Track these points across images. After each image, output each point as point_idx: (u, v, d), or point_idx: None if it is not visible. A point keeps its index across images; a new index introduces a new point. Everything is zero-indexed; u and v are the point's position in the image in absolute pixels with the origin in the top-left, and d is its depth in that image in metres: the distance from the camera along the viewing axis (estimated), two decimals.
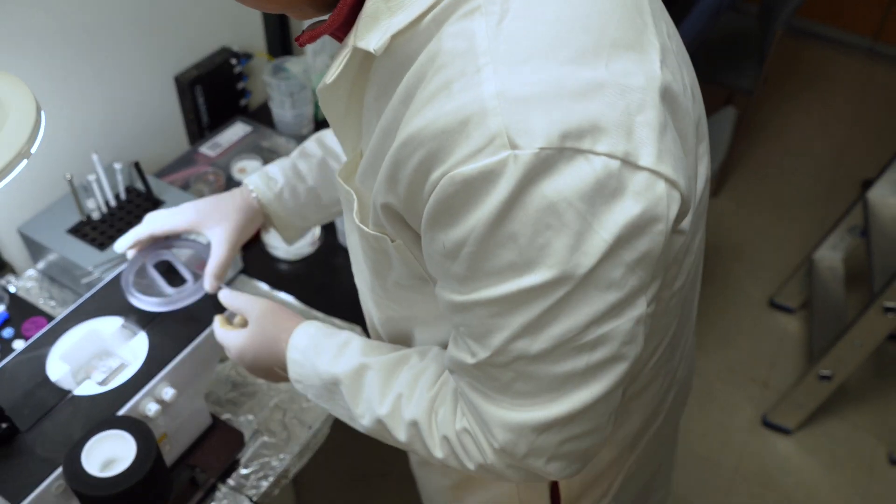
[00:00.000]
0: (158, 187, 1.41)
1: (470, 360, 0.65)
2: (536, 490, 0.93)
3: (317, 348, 0.85)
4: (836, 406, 2.24)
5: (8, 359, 0.99)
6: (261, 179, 1.06)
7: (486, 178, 0.54)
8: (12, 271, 1.41)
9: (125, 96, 1.52)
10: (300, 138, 1.64)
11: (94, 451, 0.89)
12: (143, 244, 1.05)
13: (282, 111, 1.62)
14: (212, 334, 1.02)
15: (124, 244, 1.03)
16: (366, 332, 1.27)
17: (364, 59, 0.64)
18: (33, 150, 0.82)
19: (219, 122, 1.69)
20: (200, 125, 1.66)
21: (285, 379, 0.91)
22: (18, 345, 1.19)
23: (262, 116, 1.77)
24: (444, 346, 0.82)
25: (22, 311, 1.24)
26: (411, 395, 0.76)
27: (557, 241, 0.55)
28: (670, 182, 0.56)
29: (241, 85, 1.72)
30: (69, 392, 0.95)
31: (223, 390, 1.24)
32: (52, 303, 1.36)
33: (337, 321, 1.33)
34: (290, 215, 1.07)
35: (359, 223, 0.72)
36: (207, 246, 1.04)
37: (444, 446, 0.73)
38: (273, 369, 0.90)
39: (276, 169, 1.07)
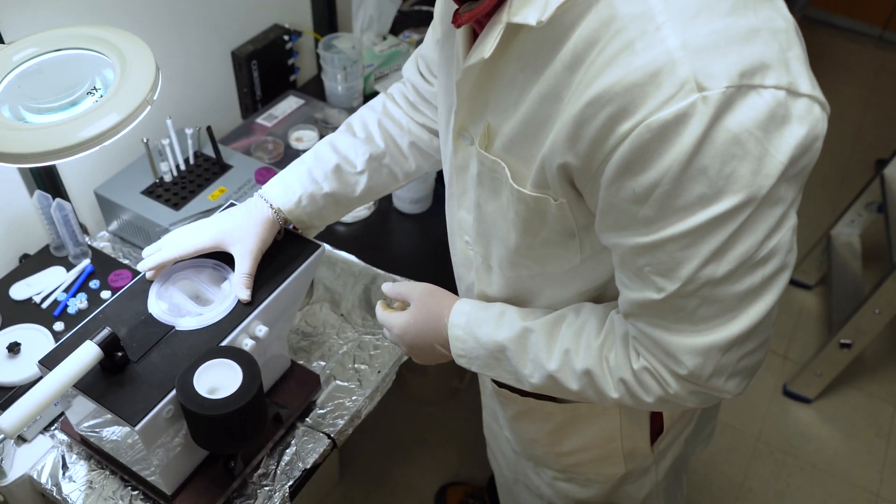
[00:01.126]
0: (224, 153, 1.49)
1: (656, 295, 0.71)
2: (638, 422, 1.00)
3: (476, 321, 0.92)
4: (854, 377, 2.32)
5: (112, 298, 1.07)
6: (279, 189, 1.08)
7: (679, 121, 0.61)
8: (86, 232, 1.48)
9: (189, 68, 1.60)
10: (351, 110, 1.72)
11: (202, 377, 0.96)
12: (167, 266, 1.07)
13: (334, 84, 1.70)
14: (297, 278, 1.10)
15: (147, 265, 1.05)
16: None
17: (505, 35, 0.70)
18: (154, 98, 0.90)
19: (270, 95, 1.77)
20: (254, 98, 1.74)
21: (445, 357, 0.98)
22: (106, 295, 1.27)
23: (309, 90, 1.85)
24: (567, 301, 0.89)
25: (104, 265, 1.32)
26: (578, 348, 0.83)
27: (742, 168, 0.62)
28: (821, 104, 0.65)
29: (291, 61, 1.79)
30: (172, 327, 1.03)
31: (295, 339, 1.32)
32: (126, 261, 1.43)
33: (397, 277, 1.40)
34: (310, 218, 1.10)
35: (518, 187, 0.78)
36: (220, 263, 1.09)
37: (619, 387, 0.80)
38: (434, 346, 0.97)
39: (292, 177, 1.08)
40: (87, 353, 0.94)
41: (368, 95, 1.82)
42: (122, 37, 0.93)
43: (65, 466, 1.15)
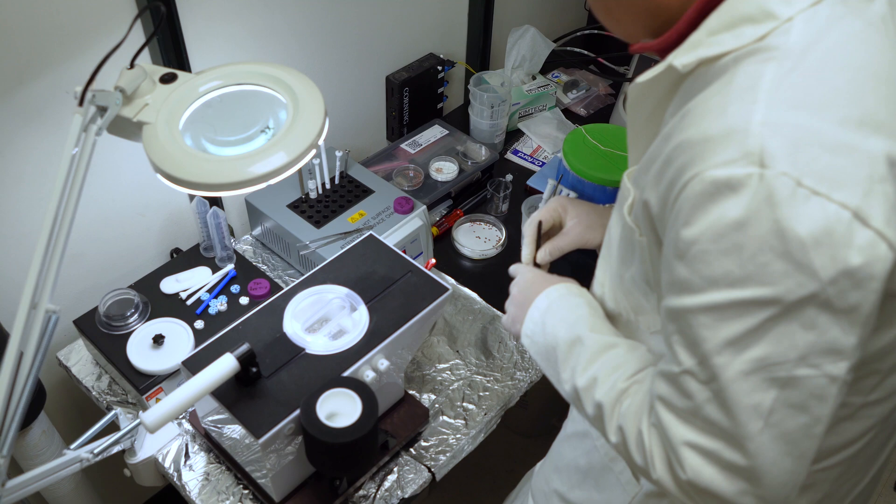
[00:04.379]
0: (366, 176, 1.56)
1: (676, 368, 0.71)
2: None
3: (552, 311, 0.96)
4: None
5: (252, 313, 1.15)
6: None
7: (730, 186, 0.62)
8: (232, 234, 1.59)
9: (345, 89, 1.68)
10: (492, 146, 1.76)
11: (325, 402, 1.03)
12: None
13: (480, 120, 1.75)
14: (423, 318, 1.15)
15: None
16: None
17: (675, 82, 0.75)
18: (320, 143, 0.97)
19: (416, 121, 1.83)
20: (402, 122, 1.81)
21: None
22: (244, 301, 1.35)
23: (454, 120, 1.90)
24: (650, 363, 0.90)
25: (246, 272, 1.41)
26: (605, 380, 0.84)
27: (776, 264, 0.62)
28: (891, 246, 0.62)
29: (440, 89, 1.85)
30: (302, 349, 1.10)
31: (409, 368, 1.37)
32: (264, 267, 1.53)
33: None
34: None
35: (625, 214, 0.83)
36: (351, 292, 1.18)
37: (618, 434, 0.80)
38: (525, 306, 1.01)
39: None
40: (226, 365, 1.02)
41: (510, 133, 1.86)
42: (299, 79, 1.00)
43: (187, 455, 1.25)
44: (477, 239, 1.61)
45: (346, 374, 1.08)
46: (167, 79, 1.01)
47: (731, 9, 0.69)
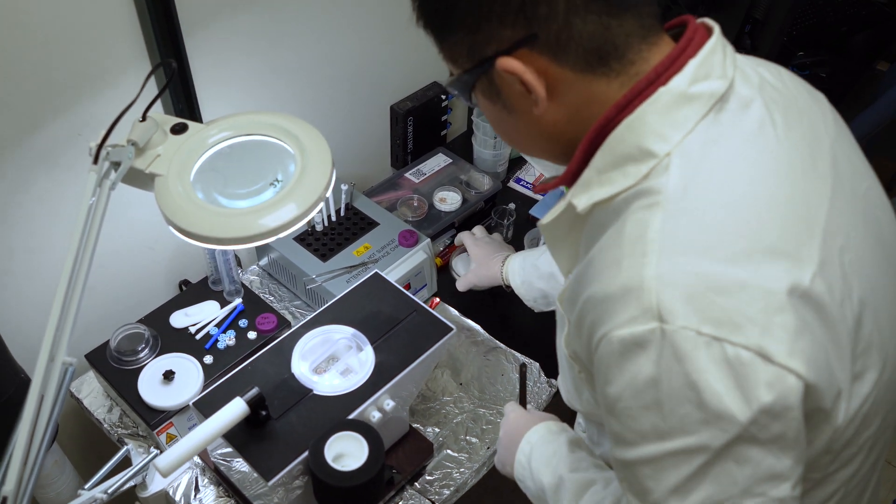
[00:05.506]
0: (370, 206, 1.58)
1: None
2: None
3: (536, 454, 1.01)
4: None
5: (260, 353, 1.17)
6: (524, 288, 1.40)
7: (637, 343, 0.64)
8: (239, 264, 1.61)
9: (350, 120, 1.71)
10: (494, 175, 1.78)
11: (332, 445, 1.05)
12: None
13: (483, 149, 1.77)
14: (428, 357, 1.18)
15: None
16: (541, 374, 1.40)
17: (580, 215, 0.76)
18: (328, 195, 0.99)
19: (421, 150, 1.86)
20: (406, 150, 1.83)
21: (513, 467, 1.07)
22: (252, 335, 1.38)
23: (457, 146, 1.93)
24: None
25: (253, 305, 1.43)
26: None
27: (696, 414, 0.64)
28: (798, 376, 0.63)
29: (444, 117, 1.88)
30: (310, 390, 1.13)
31: (414, 402, 1.39)
32: (271, 297, 1.55)
33: (517, 354, 1.46)
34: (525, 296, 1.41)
35: (563, 347, 0.83)
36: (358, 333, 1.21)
37: None
38: (513, 447, 1.07)
39: (528, 263, 1.37)
40: (236, 409, 1.04)
41: (513, 161, 1.88)
42: (305, 130, 1.02)
43: (196, 489, 1.28)
44: None
45: (352, 415, 1.10)
46: (178, 129, 1.03)
47: (613, 148, 0.71)
